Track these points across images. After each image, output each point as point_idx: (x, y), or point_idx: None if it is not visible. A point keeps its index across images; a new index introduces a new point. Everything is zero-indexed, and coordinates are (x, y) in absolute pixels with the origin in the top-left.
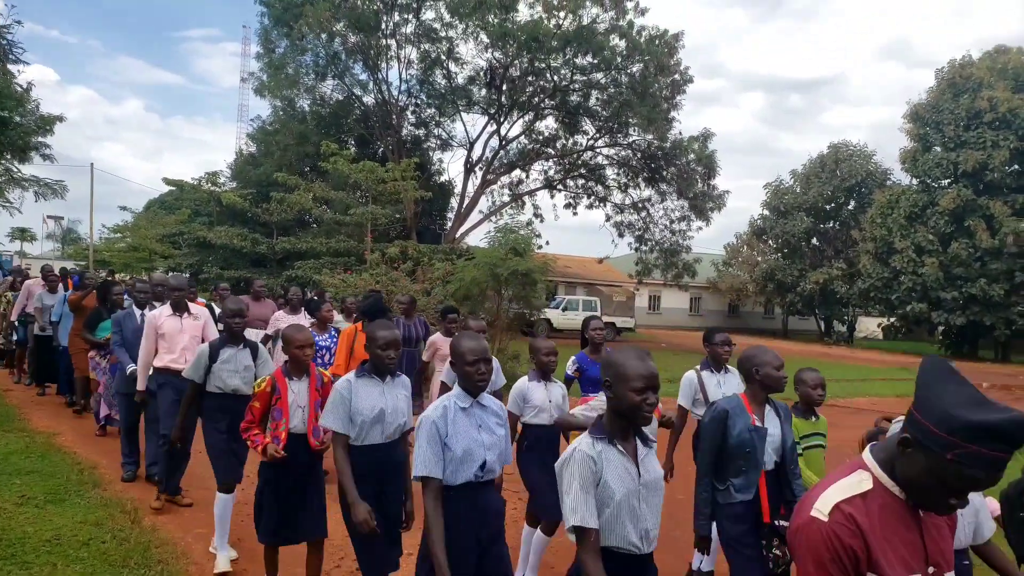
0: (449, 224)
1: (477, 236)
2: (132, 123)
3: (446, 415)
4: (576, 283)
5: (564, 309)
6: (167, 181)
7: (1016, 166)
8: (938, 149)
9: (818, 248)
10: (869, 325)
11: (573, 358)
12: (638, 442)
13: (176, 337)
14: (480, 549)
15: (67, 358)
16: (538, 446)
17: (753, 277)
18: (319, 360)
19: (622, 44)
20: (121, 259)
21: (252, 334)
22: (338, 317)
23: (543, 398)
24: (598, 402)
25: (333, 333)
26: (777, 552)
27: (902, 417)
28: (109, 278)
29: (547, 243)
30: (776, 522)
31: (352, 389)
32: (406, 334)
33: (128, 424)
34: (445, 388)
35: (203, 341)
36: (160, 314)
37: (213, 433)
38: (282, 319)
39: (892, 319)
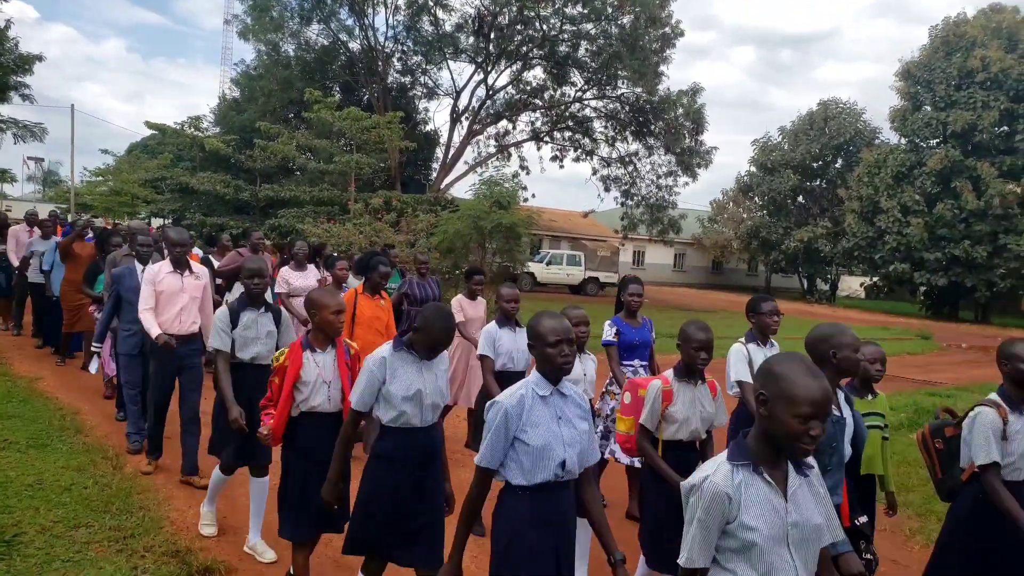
0: (434, 175)
1: (462, 187)
2: (113, 64)
3: (522, 403)
4: (561, 237)
5: (548, 263)
6: (149, 125)
7: (1005, 127)
8: (928, 108)
9: (804, 206)
10: (852, 284)
11: (609, 322)
12: (790, 468)
13: (175, 297)
14: (556, 560)
15: (59, 309)
16: None
17: (738, 234)
18: None
19: None
20: (103, 203)
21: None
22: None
23: (577, 372)
24: (648, 409)
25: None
26: (868, 556)
27: (983, 410)
28: (108, 226)
29: (533, 196)
30: (856, 521)
31: (387, 367)
32: (422, 295)
33: (136, 389)
34: (487, 361)
35: (202, 304)
36: (160, 270)
37: (222, 408)
38: (290, 276)
39: (875, 279)
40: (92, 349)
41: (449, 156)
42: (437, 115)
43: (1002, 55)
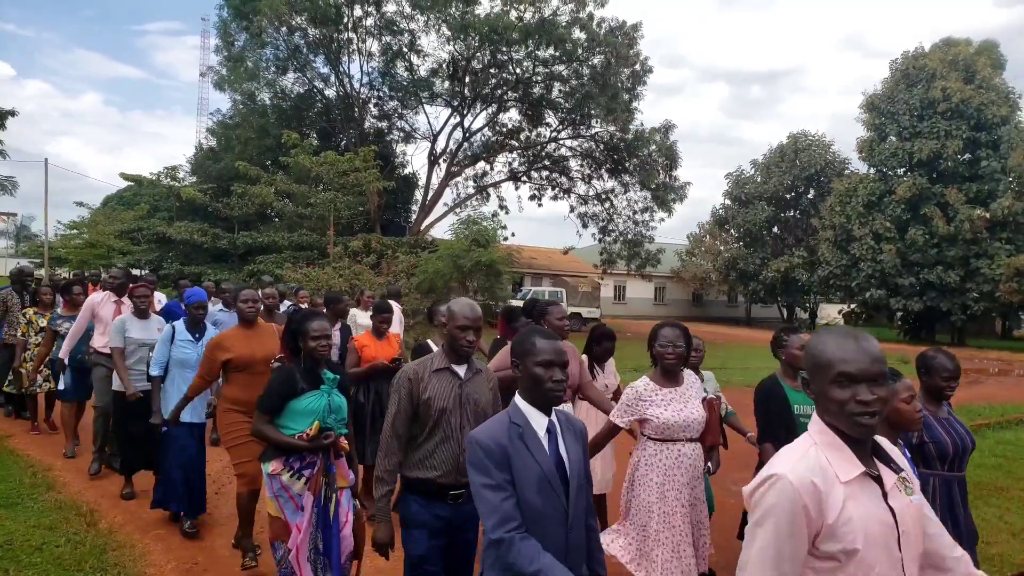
0: (414, 217)
1: (442, 228)
2: (89, 117)
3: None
4: (542, 274)
5: None
6: (125, 176)
7: (968, 155)
8: (894, 139)
9: (779, 237)
10: (830, 312)
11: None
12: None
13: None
14: None
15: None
16: None
17: (716, 266)
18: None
19: (583, 36)
20: (78, 256)
21: None
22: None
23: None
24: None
25: None
26: None
27: None
28: (303, 303)
29: (513, 235)
30: None
31: None
32: None
33: None
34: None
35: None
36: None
37: None
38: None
39: (852, 305)
40: None
41: (428, 198)
42: (415, 158)
43: (961, 86)
